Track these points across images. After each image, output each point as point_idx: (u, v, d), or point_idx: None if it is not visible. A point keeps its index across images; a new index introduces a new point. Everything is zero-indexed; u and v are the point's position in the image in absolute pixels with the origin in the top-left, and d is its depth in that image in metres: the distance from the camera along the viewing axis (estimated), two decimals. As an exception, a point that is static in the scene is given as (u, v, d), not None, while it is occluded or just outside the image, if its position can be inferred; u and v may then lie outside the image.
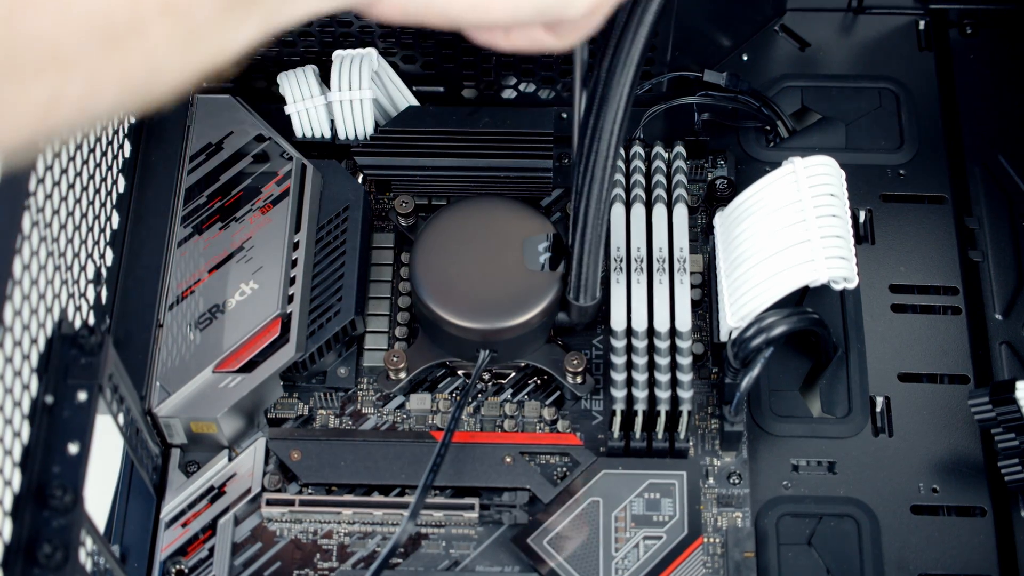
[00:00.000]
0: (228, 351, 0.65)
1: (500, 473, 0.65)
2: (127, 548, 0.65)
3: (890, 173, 0.75)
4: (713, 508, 0.66)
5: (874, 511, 0.65)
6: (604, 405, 0.69)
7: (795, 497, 0.66)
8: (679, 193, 0.69)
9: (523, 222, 0.68)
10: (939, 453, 0.67)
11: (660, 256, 0.67)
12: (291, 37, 0.74)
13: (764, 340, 0.62)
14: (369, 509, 0.64)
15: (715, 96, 0.75)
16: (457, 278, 0.66)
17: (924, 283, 0.72)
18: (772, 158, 0.74)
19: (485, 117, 0.73)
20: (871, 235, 0.73)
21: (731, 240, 0.66)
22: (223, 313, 0.66)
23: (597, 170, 0.60)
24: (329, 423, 0.69)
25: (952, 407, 0.68)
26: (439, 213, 0.69)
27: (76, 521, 0.50)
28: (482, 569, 0.64)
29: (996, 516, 0.65)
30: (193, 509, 0.65)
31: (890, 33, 0.80)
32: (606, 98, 0.57)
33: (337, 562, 0.65)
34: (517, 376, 0.69)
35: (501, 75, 0.77)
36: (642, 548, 0.63)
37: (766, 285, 0.63)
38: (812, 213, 0.64)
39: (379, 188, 0.75)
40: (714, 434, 0.68)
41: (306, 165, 0.71)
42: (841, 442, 0.67)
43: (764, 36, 0.80)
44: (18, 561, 0.48)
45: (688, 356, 0.64)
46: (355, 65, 0.72)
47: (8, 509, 0.49)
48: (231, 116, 0.73)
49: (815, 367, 0.69)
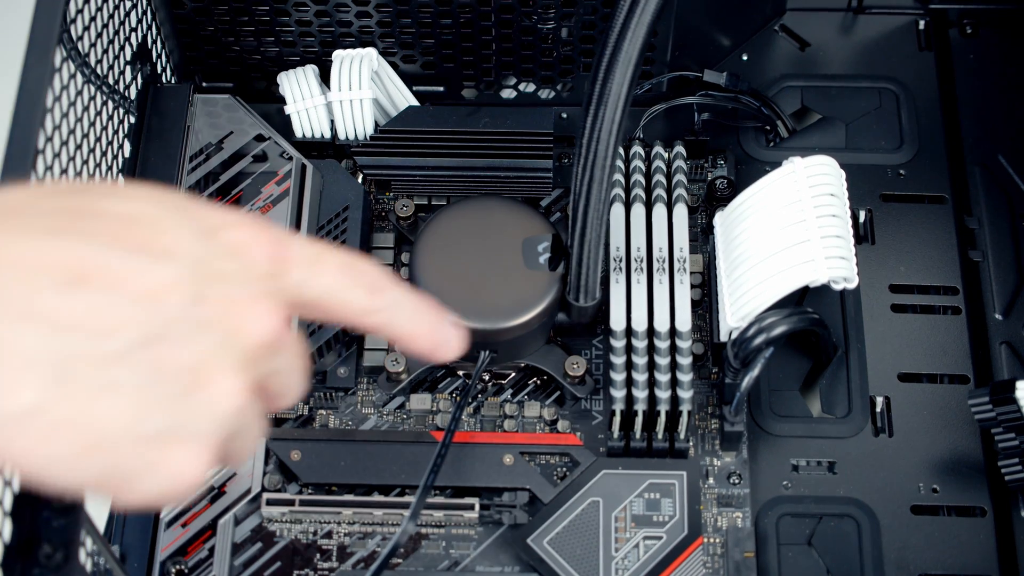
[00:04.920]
0: (228, 351, 0.65)
1: (500, 473, 0.65)
2: (127, 548, 0.65)
3: (890, 173, 0.75)
4: (713, 508, 0.66)
5: (874, 511, 0.65)
6: (604, 405, 0.69)
7: (795, 497, 0.66)
8: (679, 193, 0.69)
9: (523, 222, 0.68)
10: (939, 453, 0.67)
11: (660, 256, 0.67)
12: (291, 37, 0.74)
13: (764, 340, 0.62)
14: (369, 509, 0.64)
15: (715, 96, 0.75)
16: (457, 278, 0.66)
17: (924, 283, 0.72)
18: (772, 158, 0.74)
19: (485, 117, 0.73)
20: (871, 235, 0.73)
21: (731, 240, 0.66)
22: (223, 313, 0.66)
23: (596, 170, 0.60)
24: (329, 423, 0.69)
25: (952, 407, 0.68)
26: (439, 213, 0.69)
27: (76, 521, 0.49)
28: (482, 569, 0.64)
29: (996, 516, 0.65)
30: (193, 509, 0.65)
31: (890, 33, 0.80)
32: (604, 98, 0.57)
33: (337, 562, 0.65)
34: (517, 376, 0.69)
35: (501, 75, 0.77)
36: (642, 548, 0.63)
37: (766, 285, 0.63)
38: (812, 213, 0.64)
39: (379, 188, 0.75)
40: (714, 434, 0.68)
41: (306, 165, 0.71)
42: (841, 442, 0.67)
43: (764, 36, 0.80)
44: (18, 561, 0.48)
45: (688, 356, 0.64)
46: (355, 65, 0.72)
47: (8, 509, 0.48)
48: (231, 116, 0.73)
49: (815, 367, 0.69)
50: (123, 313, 0.38)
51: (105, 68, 0.65)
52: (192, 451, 0.40)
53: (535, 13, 0.72)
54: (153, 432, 0.39)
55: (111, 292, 0.38)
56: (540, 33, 0.73)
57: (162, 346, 0.39)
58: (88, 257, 0.38)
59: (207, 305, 0.40)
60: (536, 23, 0.73)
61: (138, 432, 0.39)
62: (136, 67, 0.70)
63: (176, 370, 0.39)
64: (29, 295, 0.37)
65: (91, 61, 0.62)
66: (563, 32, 0.73)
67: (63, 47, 0.57)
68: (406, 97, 0.75)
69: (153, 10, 0.72)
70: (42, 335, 0.37)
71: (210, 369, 0.40)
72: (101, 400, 0.38)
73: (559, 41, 0.74)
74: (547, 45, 0.74)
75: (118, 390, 0.38)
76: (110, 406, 0.38)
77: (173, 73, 0.76)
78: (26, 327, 0.37)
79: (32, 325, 0.37)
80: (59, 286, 0.38)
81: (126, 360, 0.38)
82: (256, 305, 0.42)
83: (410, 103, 0.75)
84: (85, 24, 0.61)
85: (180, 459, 0.40)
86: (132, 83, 0.69)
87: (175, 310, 0.39)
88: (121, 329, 0.38)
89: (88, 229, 0.39)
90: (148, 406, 0.39)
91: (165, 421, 0.39)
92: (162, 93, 0.72)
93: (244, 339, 0.41)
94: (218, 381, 0.40)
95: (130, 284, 0.39)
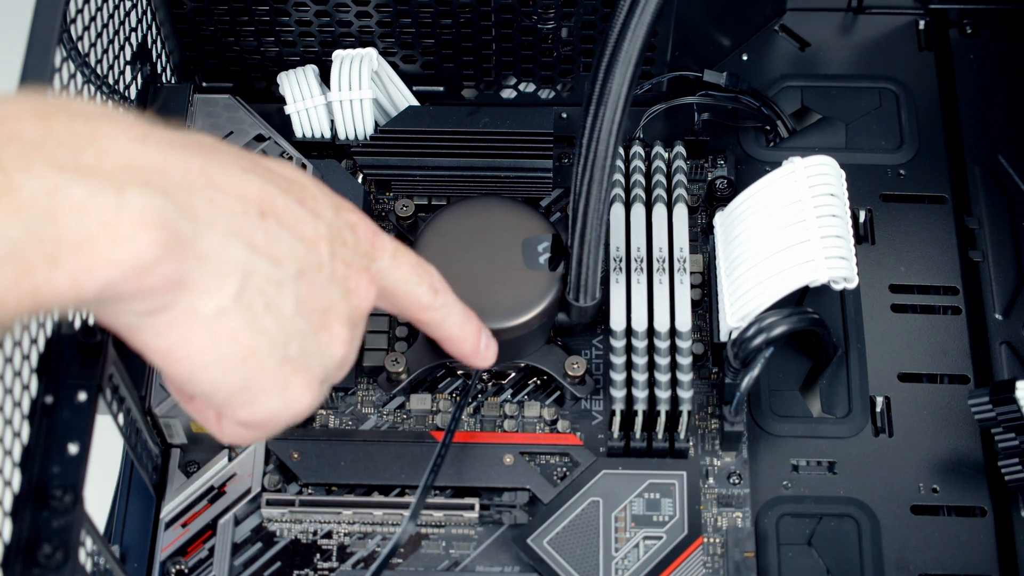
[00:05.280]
0: (228, 351, 0.65)
1: (500, 473, 0.65)
2: (127, 548, 0.65)
3: (890, 173, 0.75)
4: (713, 508, 0.66)
5: (874, 511, 0.65)
6: (604, 405, 0.69)
7: (795, 497, 0.66)
8: (679, 193, 0.69)
9: (523, 222, 0.68)
10: (939, 453, 0.67)
11: (660, 256, 0.67)
12: (291, 37, 0.74)
13: (764, 340, 0.62)
14: (369, 509, 0.64)
15: (715, 96, 0.75)
16: (457, 278, 0.66)
17: (924, 283, 0.72)
18: (772, 158, 0.74)
19: (485, 117, 0.73)
20: (871, 235, 0.73)
21: (731, 240, 0.66)
22: (223, 313, 0.66)
23: (596, 170, 0.60)
24: (329, 423, 0.69)
25: (952, 407, 0.68)
26: (439, 213, 0.69)
27: (76, 521, 0.50)
28: (482, 569, 0.64)
29: (996, 516, 0.65)
30: (193, 509, 0.65)
31: (890, 33, 0.80)
32: (604, 97, 0.57)
33: (337, 562, 0.65)
34: (517, 376, 0.69)
35: (501, 75, 0.77)
36: (642, 548, 0.63)
37: (766, 285, 0.63)
38: (812, 213, 0.64)
39: (379, 188, 0.75)
40: (714, 434, 0.68)
41: (306, 165, 0.71)
42: (841, 442, 0.67)
43: (764, 36, 0.80)
44: (18, 561, 0.48)
45: (688, 356, 0.64)
46: (355, 65, 0.72)
47: (8, 509, 0.48)
48: (231, 116, 0.73)
49: (815, 367, 0.69)
50: (293, 248, 0.45)
51: (105, 68, 0.65)
52: (310, 382, 0.47)
53: (535, 13, 0.72)
54: (292, 355, 0.46)
55: (288, 229, 0.45)
56: (540, 33, 0.73)
57: (311, 283, 0.46)
58: (274, 196, 0.45)
59: (338, 263, 0.48)
60: (536, 23, 0.73)
61: (283, 352, 0.45)
62: (136, 67, 0.70)
63: (314, 307, 0.46)
64: (236, 216, 0.43)
65: (91, 61, 0.62)
66: (563, 32, 0.73)
67: (63, 47, 0.57)
68: (406, 97, 0.75)
69: (153, 10, 0.72)
70: (241, 250, 0.43)
71: (334, 315, 0.47)
72: (265, 316, 0.44)
73: (559, 41, 0.74)
74: (547, 45, 0.74)
75: (278, 311, 0.45)
76: (270, 323, 0.44)
77: (173, 73, 0.76)
78: (231, 241, 0.43)
79: (236, 240, 0.43)
80: (255, 214, 0.44)
81: (288, 287, 0.45)
82: (365, 274, 0.50)
83: (410, 103, 0.75)
84: (85, 24, 0.61)
85: (301, 385, 0.47)
86: (132, 83, 0.69)
87: (322, 258, 0.47)
88: (290, 260, 0.45)
89: (269, 176, 0.46)
90: (293, 331, 0.45)
91: (301, 348, 0.46)
92: (162, 93, 0.72)
93: (354, 299, 0.49)
94: (337, 327, 0.48)
95: (299, 227, 0.46)
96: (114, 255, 0.38)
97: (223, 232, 0.43)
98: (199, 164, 0.43)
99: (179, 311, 0.42)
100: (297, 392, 0.47)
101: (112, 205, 0.38)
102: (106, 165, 0.39)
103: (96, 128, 0.40)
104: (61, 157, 0.38)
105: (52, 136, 0.39)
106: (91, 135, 0.40)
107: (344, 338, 0.48)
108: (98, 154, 0.39)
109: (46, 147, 0.38)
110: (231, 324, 0.43)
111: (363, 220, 0.51)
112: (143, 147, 0.41)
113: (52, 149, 0.38)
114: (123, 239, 0.38)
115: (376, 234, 0.51)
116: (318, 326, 0.47)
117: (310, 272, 0.46)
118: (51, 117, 0.39)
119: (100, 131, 0.40)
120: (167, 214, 0.40)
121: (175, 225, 0.40)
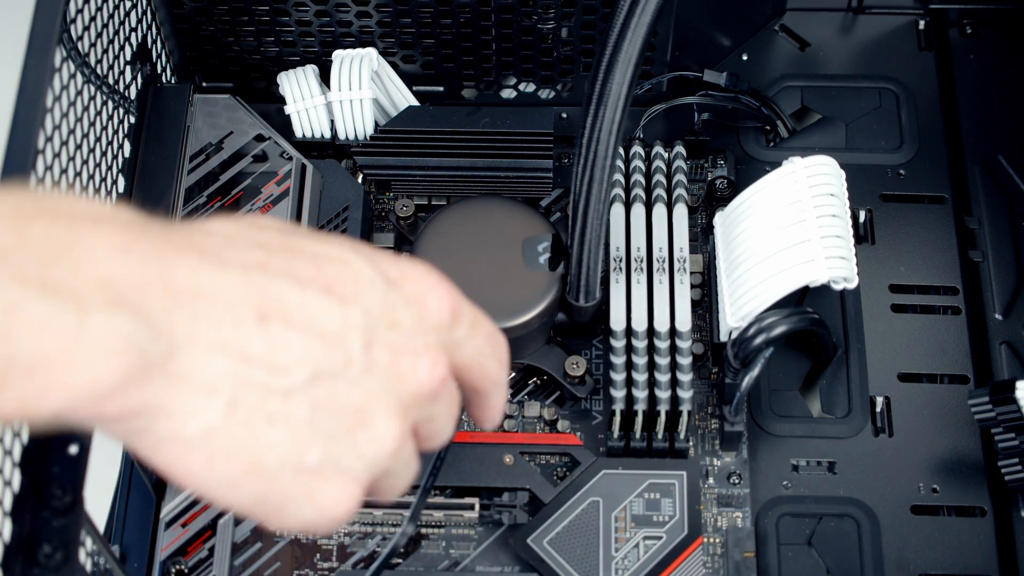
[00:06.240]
0: (228, 351, 0.65)
1: (500, 473, 0.65)
2: (127, 548, 0.65)
3: (890, 173, 0.75)
4: (713, 508, 0.66)
5: (874, 511, 0.65)
6: (604, 405, 0.69)
7: (795, 497, 0.66)
8: (679, 193, 0.69)
9: (523, 222, 0.68)
10: (939, 453, 0.67)
11: (660, 256, 0.67)
12: (291, 37, 0.74)
13: (764, 340, 0.62)
14: (369, 509, 0.64)
15: (715, 96, 0.75)
16: (457, 278, 0.65)
17: (924, 283, 0.72)
18: (772, 158, 0.74)
19: (485, 117, 0.73)
20: (871, 235, 0.73)
21: (731, 240, 0.66)
22: (223, 313, 0.66)
23: (596, 170, 0.60)
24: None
25: (952, 407, 0.68)
26: (439, 213, 0.69)
27: (76, 521, 0.50)
28: (482, 569, 0.64)
29: (996, 516, 0.65)
30: (193, 509, 0.65)
31: (890, 33, 0.80)
32: (604, 98, 0.57)
33: (337, 562, 0.65)
34: (517, 376, 0.69)
35: (501, 75, 0.77)
36: (642, 548, 0.63)
37: (766, 285, 0.63)
38: (812, 213, 0.64)
39: (379, 188, 0.75)
40: (714, 434, 0.68)
41: (306, 165, 0.71)
42: (841, 442, 0.67)
43: (764, 36, 0.80)
44: (18, 561, 0.48)
45: (688, 356, 0.64)
46: (355, 65, 0.72)
47: (8, 509, 0.48)
48: (231, 116, 0.73)
49: (815, 367, 0.69)
50: (304, 350, 0.41)
51: (105, 68, 0.65)
52: (346, 486, 0.43)
53: (535, 13, 0.72)
54: (312, 464, 0.42)
55: (298, 330, 0.41)
56: (540, 33, 0.73)
57: (333, 384, 0.42)
58: (284, 294, 0.41)
59: (380, 350, 0.43)
60: (536, 23, 0.73)
61: (298, 463, 0.41)
62: (136, 67, 0.70)
63: (342, 408, 0.42)
64: (224, 328, 0.39)
65: (91, 61, 0.62)
66: (563, 32, 0.73)
67: (63, 47, 0.57)
68: (406, 97, 0.75)
69: (153, 10, 0.72)
70: (228, 364, 0.39)
71: (374, 410, 0.42)
72: (269, 429, 0.40)
73: (559, 41, 0.74)
74: (547, 45, 0.74)
75: (286, 421, 0.41)
76: (276, 436, 0.41)
77: (173, 73, 0.76)
78: (215, 356, 0.39)
79: (221, 354, 0.39)
80: (252, 320, 0.40)
81: (298, 394, 0.41)
82: (426, 354, 0.44)
83: (410, 103, 0.75)
84: (85, 24, 0.61)
85: (333, 492, 0.42)
86: (132, 83, 0.69)
87: (351, 352, 0.42)
88: (299, 365, 0.41)
89: (286, 267, 0.42)
90: (311, 439, 0.41)
91: (325, 455, 0.42)
92: (162, 93, 0.72)
93: (409, 385, 0.44)
94: (379, 422, 0.43)
95: (317, 323, 0.41)
96: (68, 380, 0.36)
97: (205, 347, 0.39)
98: (187, 271, 0.39)
99: (161, 435, 0.39)
100: (329, 499, 0.42)
101: (73, 326, 0.35)
102: (76, 281, 0.36)
103: (77, 235, 0.37)
104: (28, 269, 0.35)
105: (24, 244, 0.36)
106: (68, 244, 0.36)
107: (393, 432, 0.43)
108: (71, 267, 0.36)
109: (15, 257, 0.35)
110: (224, 442, 0.40)
111: (435, 288, 0.46)
112: (123, 259, 0.37)
113: (20, 260, 0.35)
114: (80, 364, 0.36)
115: (456, 302, 0.47)
116: (352, 426, 0.42)
117: (334, 371, 0.42)
118: (29, 221, 0.36)
119: (80, 239, 0.37)
120: (134, 338, 0.37)
121: (143, 348, 0.37)
